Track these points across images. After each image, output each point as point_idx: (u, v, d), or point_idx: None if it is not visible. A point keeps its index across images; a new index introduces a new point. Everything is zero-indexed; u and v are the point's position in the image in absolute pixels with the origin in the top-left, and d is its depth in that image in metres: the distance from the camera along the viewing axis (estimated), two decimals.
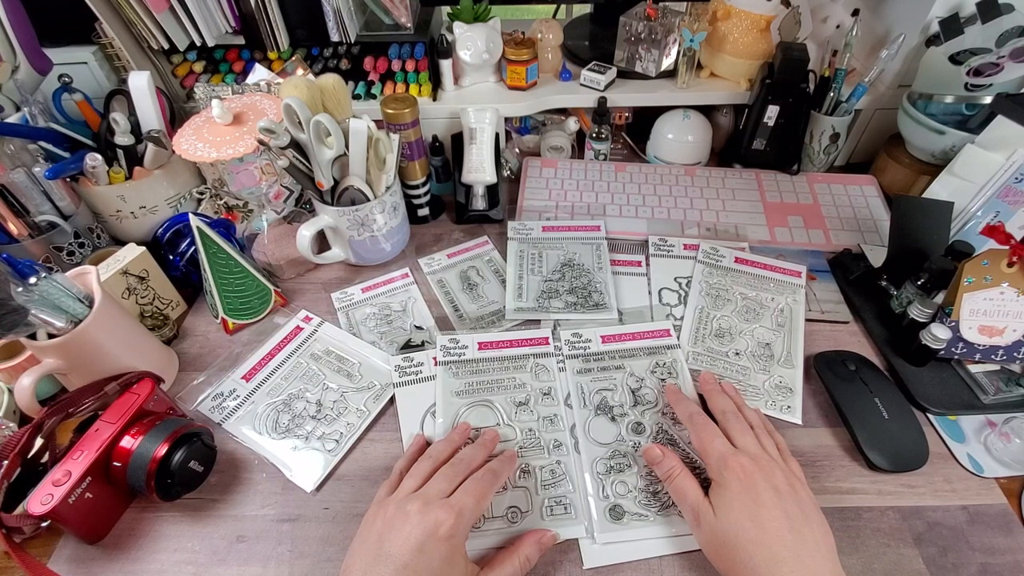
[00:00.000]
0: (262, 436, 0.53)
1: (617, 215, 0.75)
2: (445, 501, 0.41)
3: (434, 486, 0.43)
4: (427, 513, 0.40)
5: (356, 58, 0.81)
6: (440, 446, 0.48)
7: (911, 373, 0.57)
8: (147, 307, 0.62)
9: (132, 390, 0.49)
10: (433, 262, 0.71)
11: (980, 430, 0.54)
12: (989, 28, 0.66)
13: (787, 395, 0.56)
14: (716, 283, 0.66)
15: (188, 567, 0.46)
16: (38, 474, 0.45)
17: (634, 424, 0.53)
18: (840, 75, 0.72)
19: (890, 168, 0.78)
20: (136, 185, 0.66)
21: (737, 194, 0.78)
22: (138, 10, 0.70)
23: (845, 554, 0.46)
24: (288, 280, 0.70)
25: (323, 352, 0.60)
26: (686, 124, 0.81)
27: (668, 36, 0.76)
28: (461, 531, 0.40)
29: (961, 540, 0.47)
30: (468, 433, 0.51)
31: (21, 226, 0.59)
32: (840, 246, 0.71)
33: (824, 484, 0.50)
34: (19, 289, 0.46)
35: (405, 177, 0.71)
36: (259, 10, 0.72)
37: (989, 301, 0.54)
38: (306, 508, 0.49)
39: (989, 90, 0.67)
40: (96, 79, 0.77)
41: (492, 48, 0.77)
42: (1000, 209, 0.61)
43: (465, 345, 0.59)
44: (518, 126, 0.86)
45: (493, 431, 0.51)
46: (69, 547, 0.47)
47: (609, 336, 0.60)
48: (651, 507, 0.48)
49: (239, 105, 0.66)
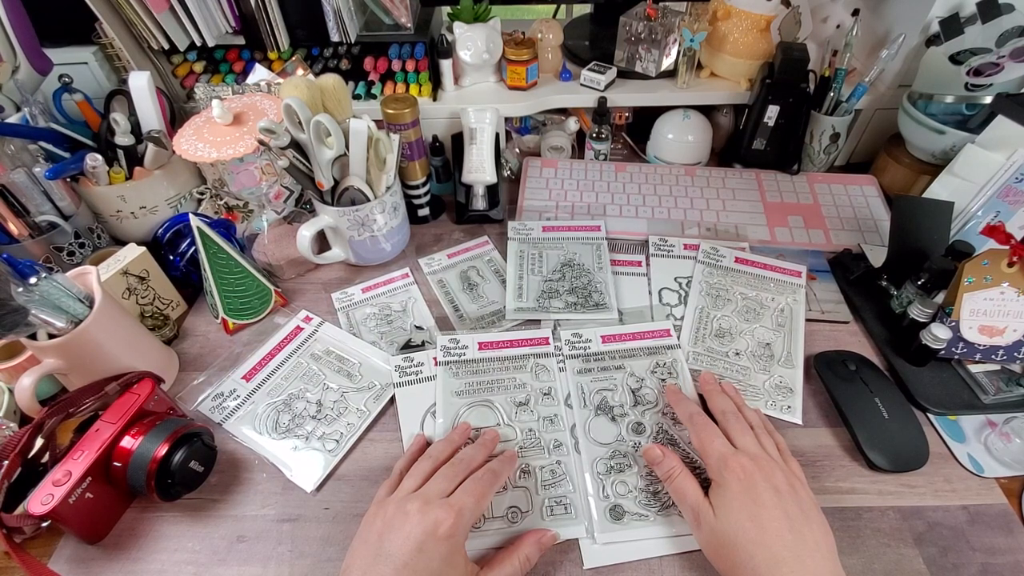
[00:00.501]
0: (262, 436, 0.53)
1: (617, 215, 0.75)
2: (445, 501, 0.41)
3: (434, 486, 0.43)
4: (427, 512, 0.40)
5: (356, 58, 0.81)
6: (440, 446, 0.48)
7: (911, 373, 0.57)
8: (147, 307, 0.62)
9: (132, 390, 0.49)
10: (433, 262, 0.71)
11: (980, 430, 0.54)
12: (989, 28, 0.66)
13: (787, 395, 0.56)
14: (716, 283, 0.66)
15: (188, 567, 0.46)
16: (38, 474, 0.45)
17: (634, 424, 0.53)
18: (840, 75, 0.72)
19: (890, 168, 0.78)
20: (136, 185, 0.66)
21: (737, 194, 0.78)
22: (138, 10, 0.70)
23: (845, 554, 0.46)
24: (288, 280, 0.70)
25: (323, 352, 0.60)
26: (686, 124, 0.81)
27: (668, 36, 0.76)
28: (461, 531, 0.40)
29: (961, 540, 0.47)
30: (468, 433, 0.51)
31: (21, 226, 0.59)
32: (840, 246, 0.71)
33: (824, 484, 0.50)
34: (19, 289, 0.46)
35: (405, 177, 0.71)
36: (259, 10, 0.72)
37: (989, 301, 0.54)
38: (306, 508, 0.49)
39: (989, 90, 0.67)
40: (96, 79, 0.77)
41: (492, 48, 0.77)
42: (1000, 209, 0.61)
43: (465, 345, 0.59)
44: (518, 126, 0.86)
45: (493, 431, 0.51)
46: (69, 547, 0.47)
47: (609, 336, 0.60)
48: (651, 507, 0.48)
49: (239, 105, 0.66)
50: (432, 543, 0.39)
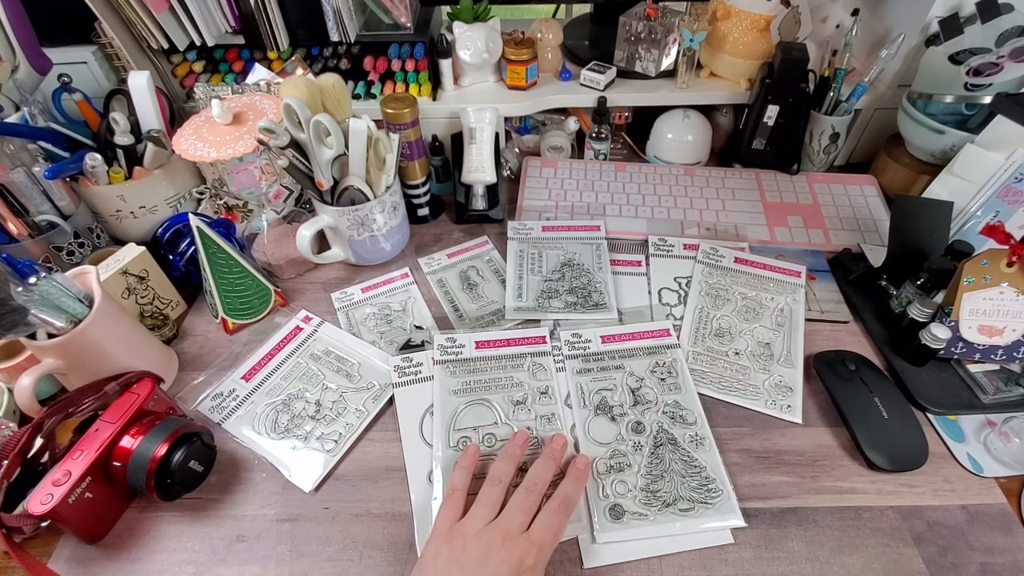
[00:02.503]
0: (261, 436, 0.53)
1: (617, 215, 0.75)
2: (526, 536, 0.42)
3: (514, 519, 0.42)
4: (511, 549, 0.40)
5: (356, 58, 0.81)
6: (504, 467, 0.46)
7: (911, 373, 0.57)
8: (147, 307, 0.62)
9: (132, 390, 0.49)
10: (433, 262, 0.71)
11: (980, 430, 0.54)
12: (989, 28, 0.66)
13: (787, 394, 0.56)
14: (716, 283, 0.66)
15: (188, 567, 0.46)
16: (38, 474, 0.45)
17: (634, 424, 0.53)
18: (840, 75, 0.72)
19: (890, 168, 0.78)
20: (136, 185, 0.66)
21: (737, 194, 0.78)
22: (138, 10, 0.70)
23: (845, 554, 0.46)
24: (288, 280, 0.69)
25: (323, 352, 0.60)
26: (686, 124, 0.81)
27: (668, 36, 0.76)
28: (542, 564, 0.41)
29: (961, 540, 0.47)
30: (528, 443, 0.50)
31: (21, 226, 0.59)
32: (840, 246, 0.71)
33: (824, 484, 0.50)
34: (19, 289, 0.46)
35: (405, 177, 0.71)
36: (259, 10, 0.72)
37: (989, 301, 0.54)
38: (306, 508, 0.49)
39: (989, 90, 0.67)
40: (96, 79, 0.77)
41: (492, 48, 0.77)
42: (1000, 209, 0.61)
43: (462, 344, 0.59)
44: (518, 126, 0.86)
45: (561, 436, 0.50)
46: (69, 547, 0.47)
47: (609, 336, 0.60)
48: (651, 506, 0.48)
49: (239, 105, 0.66)
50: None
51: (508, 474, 0.46)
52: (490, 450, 0.51)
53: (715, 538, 0.47)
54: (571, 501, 0.45)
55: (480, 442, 0.52)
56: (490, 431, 0.53)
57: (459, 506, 0.44)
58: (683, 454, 0.51)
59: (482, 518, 0.43)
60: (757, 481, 0.50)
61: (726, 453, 0.52)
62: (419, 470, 0.51)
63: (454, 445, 0.51)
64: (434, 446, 0.52)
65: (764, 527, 0.47)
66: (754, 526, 0.47)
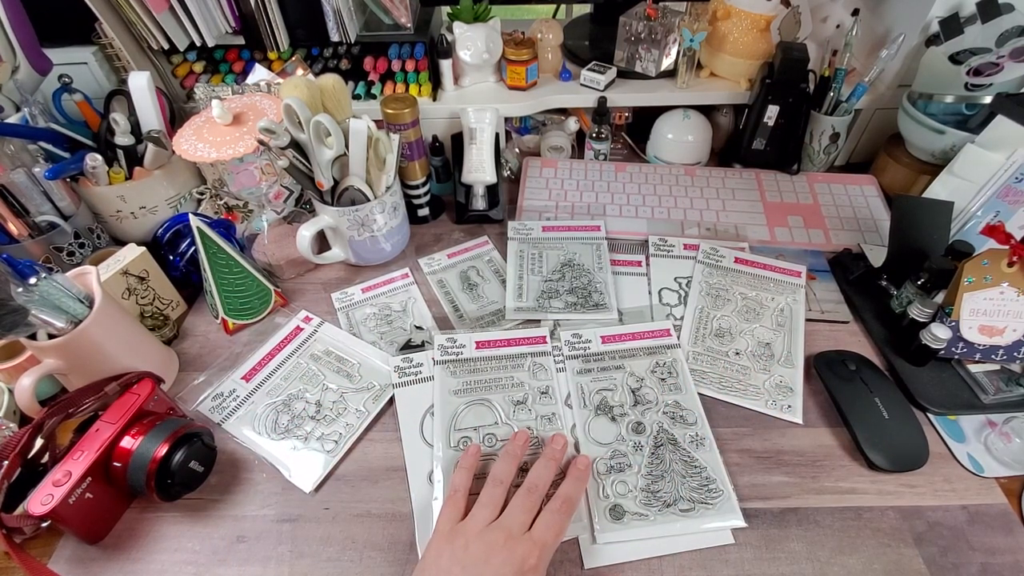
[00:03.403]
0: (261, 436, 0.53)
1: (617, 215, 0.75)
2: (528, 536, 0.42)
3: (515, 520, 0.42)
4: (513, 548, 0.40)
5: (356, 58, 0.81)
6: (505, 467, 0.46)
7: (911, 373, 0.57)
8: (147, 307, 0.62)
9: (132, 390, 0.49)
10: (433, 262, 0.71)
11: (980, 430, 0.54)
12: (989, 28, 0.66)
13: (787, 394, 0.56)
14: (716, 283, 0.66)
15: (188, 567, 0.46)
16: (38, 474, 0.45)
17: (634, 424, 0.53)
18: (840, 75, 0.72)
19: (890, 168, 0.78)
20: (136, 185, 0.66)
21: (737, 194, 0.78)
22: (138, 10, 0.70)
23: (845, 554, 0.46)
24: (288, 280, 0.70)
25: (323, 352, 0.60)
26: (686, 124, 0.81)
27: (668, 36, 0.76)
28: (543, 565, 0.41)
29: (961, 540, 0.47)
30: (529, 443, 0.50)
31: (21, 226, 0.59)
32: (840, 246, 0.71)
33: (824, 484, 0.50)
34: (19, 289, 0.46)
35: (405, 177, 0.71)
36: (259, 10, 0.72)
37: (989, 301, 0.54)
38: (306, 508, 0.49)
39: (989, 90, 0.67)
40: (96, 79, 0.77)
41: (492, 48, 0.77)
42: (1000, 209, 0.61)
43: (463, 344, 0.59)
44: (518, 126, 0.86)
45: (561, 436, 0.50)
46: (69, 547, 0.47)
47: (609, 336, 0.60)
48: (651, 507, 0.48)
49: (239, 105, 0.66)
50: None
51: (509, 474, 0.46)
52: (491, 450, 0.51)
53: (715, 538, 0.47)
54: (572, 501, 0.45)
55: (481, 442, 0.51)
56: (491, 431, 0.53)
57: (460, 507, 0.44)
58: (683, 454, 0.51)
59: (484, 518, 0.43)
60: (757, 481, 0.50)
61: (726, 453, 0.52)
62: (419, 470, 0.51)
63: (455, 445, 0.51)
64: (434, 446, 0.52)
65: (764, 527, 0.47)
66: (754, 526, 0.47)
